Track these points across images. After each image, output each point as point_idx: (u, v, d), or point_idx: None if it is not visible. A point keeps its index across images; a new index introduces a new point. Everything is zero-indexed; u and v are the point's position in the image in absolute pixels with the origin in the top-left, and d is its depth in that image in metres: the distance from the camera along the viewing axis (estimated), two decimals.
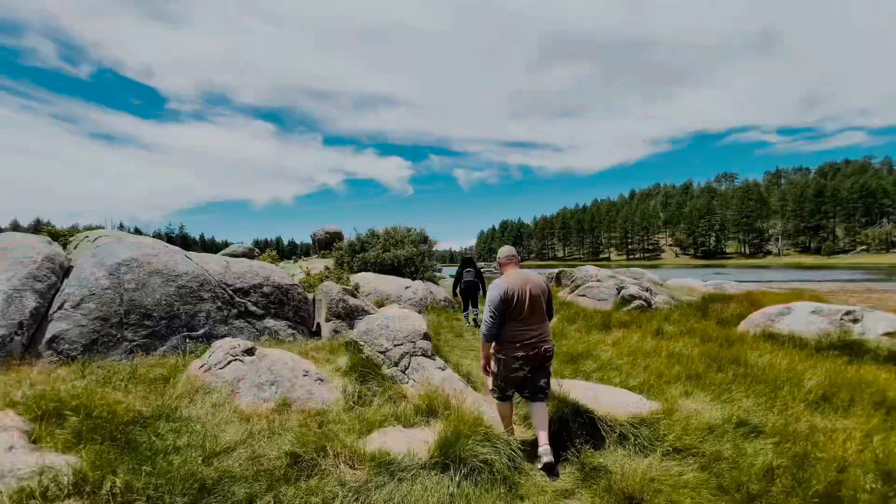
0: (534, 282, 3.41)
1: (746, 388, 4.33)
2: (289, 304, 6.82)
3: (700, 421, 3.44)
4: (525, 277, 3.42)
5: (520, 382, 3.46)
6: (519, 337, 3.33)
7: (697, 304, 10.85)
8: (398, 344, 4.41)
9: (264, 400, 4.17)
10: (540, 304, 3.40)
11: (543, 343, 3.39)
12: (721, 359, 5.41)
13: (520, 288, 3.35)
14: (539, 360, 3.40)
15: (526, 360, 3.35)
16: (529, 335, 3.33)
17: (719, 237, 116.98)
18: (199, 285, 6.03)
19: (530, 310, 3.33)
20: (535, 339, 3.35)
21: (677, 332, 7.92)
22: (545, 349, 3.39)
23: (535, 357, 3.36)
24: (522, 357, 3.33)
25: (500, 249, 3.81)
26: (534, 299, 3.35)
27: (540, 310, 3.41)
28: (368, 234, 13.12)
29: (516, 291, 3.32)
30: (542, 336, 3.40)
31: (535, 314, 3.37)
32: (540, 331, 3.39)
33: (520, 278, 3.41)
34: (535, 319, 3.38)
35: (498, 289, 3.36)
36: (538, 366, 3.43)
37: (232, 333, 6.04)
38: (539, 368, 3.45)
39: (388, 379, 4.15)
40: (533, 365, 3.40)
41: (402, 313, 4.82)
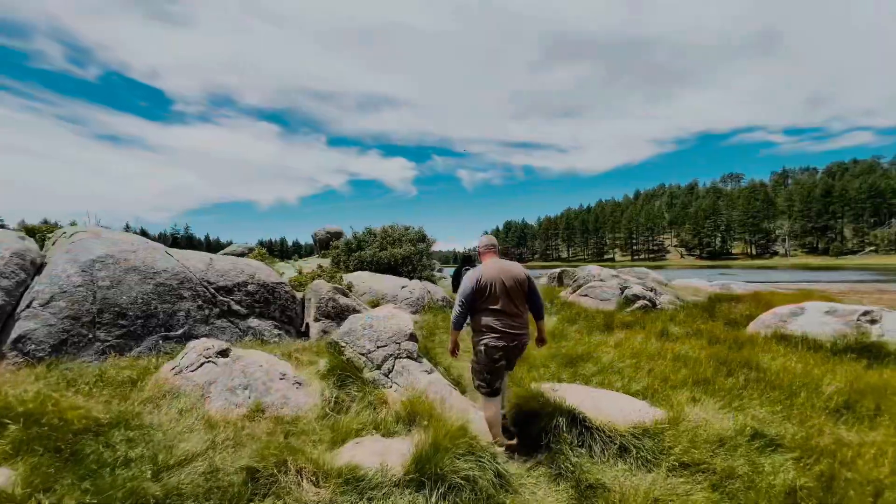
0: (511, 272, 3.33)
1: (760, 395, 3.98)
2: (275, 304, 6.53)
3: (710, 432, 3.10)
4: (501, 267, 3.34)
5: (503, 373, 3.43)
6: (498, 326, 3.27)
7: (704, 304, 10.46)
8: (382, 345, 4.10)
9: (236, 405, 3.86)
10: (517, 295, 3.31)
11: (523, 336, 3.36)
12: (731, 362, 5.05)
13: (494, 277, 3.27)
14: (514, 353, 3.41)
15: (506, 351, 3.30)
16: (508, 324, 3.28)
17: (725, 238, 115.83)
18: (178, 283, 5.74)
19: (505, 300, 3.26)
20: (514, 329, 3.29)
21: (683, 333, 7.56)
22: (524, 342, 3.39)
23: (514, 349, 3.34)
24: (504, 347, 3.28)
25: (481, 238, 3.69)
26: (509, 290, 3.27)
27: (517, 301, 3.32)
28: (365, 233, 12.82)
29: (490, 281, 3.26)
30: (521, 327, 3.35)
31: (511, 304, 3.29)
32: (519, 322, 3.33)
33: (495, 268, 3.33)
34: (512, 310, 3.29)
35: (471, 278, 3.32)
36: (512, 358, 3.46)
37: (213, 334, 5.75)
38: (511, 362, 3.51)
39: (370, 383, 3.84)
40: (511, 356, 3.42)
41: (387, 313, 4.50)
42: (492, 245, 3.61)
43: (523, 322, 3.38)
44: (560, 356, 5.78)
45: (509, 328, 3.27)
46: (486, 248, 3.61)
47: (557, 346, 6.35)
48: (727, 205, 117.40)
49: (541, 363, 5.54)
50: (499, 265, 3.39)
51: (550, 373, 5.22)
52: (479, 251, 3.68)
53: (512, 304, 3.29)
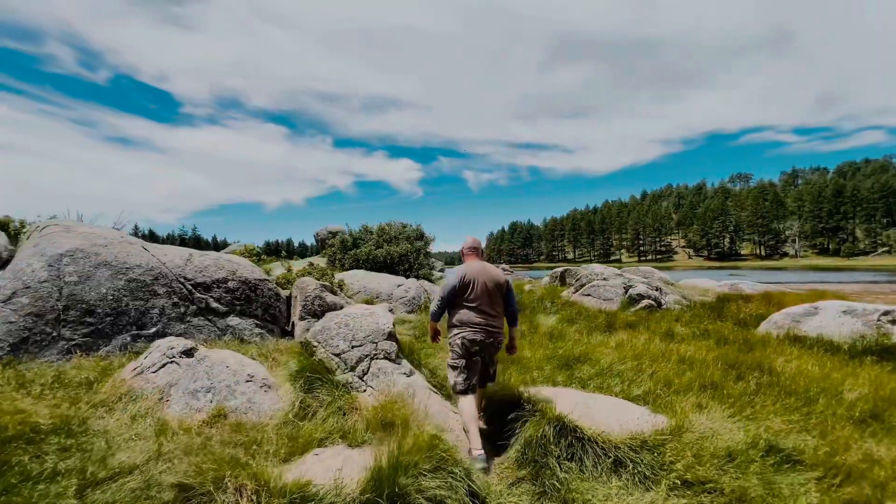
0: (491, 274, 3.47)
1: (774, 402, 3.59)
2: (257, 301, 6.21)
3: (718, 444, 2.72)
4: (484, 269, 3.48)
5: (479, 370, 3.46)
6: (476, 321, 3.35)
7: (712, 304, 10.03)
8: (357, 345, 3.76)
9: (196, 410, 3.54)
10: (496, 296, 3.44)
11: (499, 334, 3.44)
12: (741, 365, 4.66)
13: (476, 276, 3.41)
14: (493, 350, 3.47)
15: (483, 346, 3.36)
16: (485, 321, 3.36)
17: (733, 238, 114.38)
18: (153, 279, 5.45)
19: (485, 298, 3.37)
20: (489, 326, 3.37)
21: (689, 334, 7.16)
22: (500, 341, 3.47)
23: (491, 346, 3.40)
24: (481, 342, 3.34)
25: (466, 240, 3.81)
26: (489, 290, 3.40)
27: (495, 302, 3.44)
28: (361, 230, 12.50)
29: (474, 279, 3.39)
30: (496, 326, 3.42)
31: (490, 305, 3.40)
32: (495, 321, 3.42)
33: (478, 268, 3.47)
34: (490, 309, 3.40)
35: (455, 274, 3.47)
36: (490, 358, 3.51)
37: (189, 332, 5.45)
38: (491, 361, 3.55)
39: (341, 386, 3.49)
40: (488, 353, 3.46)
41: (365, 310, 4.16)
42: (475, 248, 3.72)
43: (500, 323, 3.49)
44: (556, 358, 5.41)
45: (487, 325, 3.36)
46: (469, 250, 3.72)
47: (554, 347, 5.99)
48: (736, 205, 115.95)
49: (535, 365, 5.17)
50: (481, 265, 3.52)
51: (545, 375, 4.86)
52: (463, 251, 3.78)
53: (490, 304, 3.40)
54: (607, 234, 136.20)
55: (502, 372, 4.92)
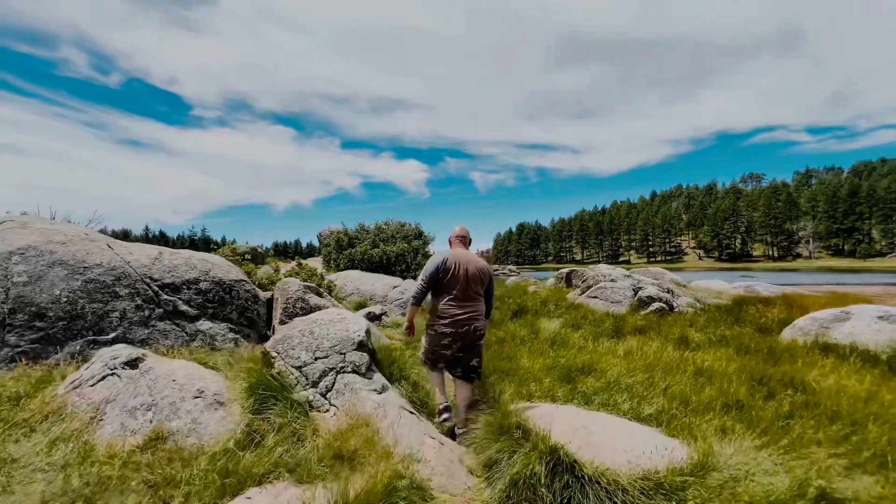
0: (475, 262, 3.48)
1: (814, 428, 3.00)
2: (232, 304, 5.73)
3: (754, 491, 2.16)
4: (468, 256, 3.49)
5: (450, 360, 3.47)
6: (449, 313, 3.36)
7: (727, 307, 9.38)
8: (321, 356, 3.24)
9: (132, 431, 3.05)
10: (476, 284, 3.43)
11: (473, 321, 3.40)
12: (769, 379, 4.07)
13: (459, 263, 3.40)
14: (469, 339, 3.41)
15: (454, 338, 3.37)
16: (460, 313, 3.36)
17: (745, 239, 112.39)
18: (114, 279, 4.98)
19: (465, 286, 3.36)
20: (466, 317, 3.36)
21: (705, 340, 6.55)
22: (475, 327, 3.41)
23: (465, 335, 3.38)
24: (451, 334, 3.36)
25: (454, 228, 3.80)
26: (471, 277, 3.39)
27: (475, 289, 3.43)
28: (358, 229, 12.01)
29: (456, 264, 3.38)
30: (474, 315, 3.41)
31: (469, 292, 3.39)
32: (471, 310, 3.40)
33: (462, 255, 3.47)
34: (469, 298, 3.39)
35: (437, 259, 3.45)
36: (469, 345, 3.45)
37: (153, 338, 4.97)
38: (470, 348, 3.47)
39: (299, 405, 2.98)
40: (463, 343, 3.41)
41: (335, 315, 3.64)
42: (462, 236, 3.71)
43: (479, 310, 3.46)
44: (558, 368, 4.85)
45: (462, 315, 3.36)
46: (455, 238, 3.72)
47: (556, 355, 5.42)
48: (747, 205, 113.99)
49: (533, 377, 4.62)
50: (465, 253, 3.55)
51: (543, 389, 4.31)
52: (450, 240, 3.78)
53: (470, 290, 3.40)
54: (616, 234, 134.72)
55: (494, 385, 4.38)
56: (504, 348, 5.85)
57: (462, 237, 3.68)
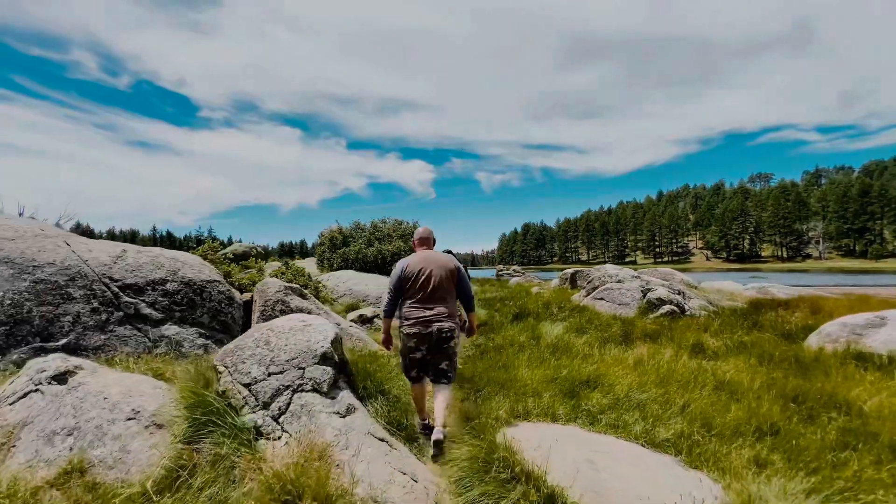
0: (438, 261, 3.37)
1: (874, 464, 2.45)
2: (203, 307, 5.24)
3: None
4: (428, 258, 3.39)
5: (421, 363, 3.35)
6: (413, 314, 3.29)
7: (743, 310, 8.78)
8: (276, 371, 2.73)
9: (47, 461, 2.56)
10: (442, 284, 3.31)
11: (439, 322, 3.27)
12: (804, 396, 3.51)
13: (419, 267, 3.33)
14: (436, 341, 3.27)
15: (420, 339, 3.26)
16: (424, 314, 3.27)
17: (753, 240, 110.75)
18: (68, 280, 4.51)
19: (426, 288, 3.28)
20: (430, 317, 3.26)
21: (723, 347, 5.98)
22: (439, 328, 3.27)
23: (430, 336, 3.25)
24: (416, 335, 3.26)
25: (416, 230, 3.79)
26: (434, 279, 3.29)
27: (441, 290, 3.32)
28: (353, 227, 11.52)
29: (415, 270, 3.31)
30: (439, 315, 3.29)
31: (434, 293, 3.29)
32: (436, 310, 3.29)
33: (422, 258, 3.39)
34: (434, 299, 3.29)
35: (398, 267, 3.40)
36: (436, 347, 3.30)
37: (111, 344, 4.50)
38: (438, 350, 3.31)
39: (243, 432, 2.46)
40: (429, 345, 3.28)
41: (298, 322, 3.12)
42: (424, 238, 3.64)
43: (445, 311, 3.32)
44: (560, 380, 4.31)
45: (426, 317, 3.25)
46: (417, 241, 3.66)
47: (558, 364, 4.88)
48: (756, 205, 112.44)
49: (531, 390, 4.08)
50: (426, 255, 3.44)
51: (543, 405, 3.77)
52: (413, 242, 3.72)
53: (435, 293, 3.29)
54: (622, 235, 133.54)
55: (487, 400, 3.86)
56: (501, 356, 5.32)
57: (424, 239, 3.63)
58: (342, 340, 3.33)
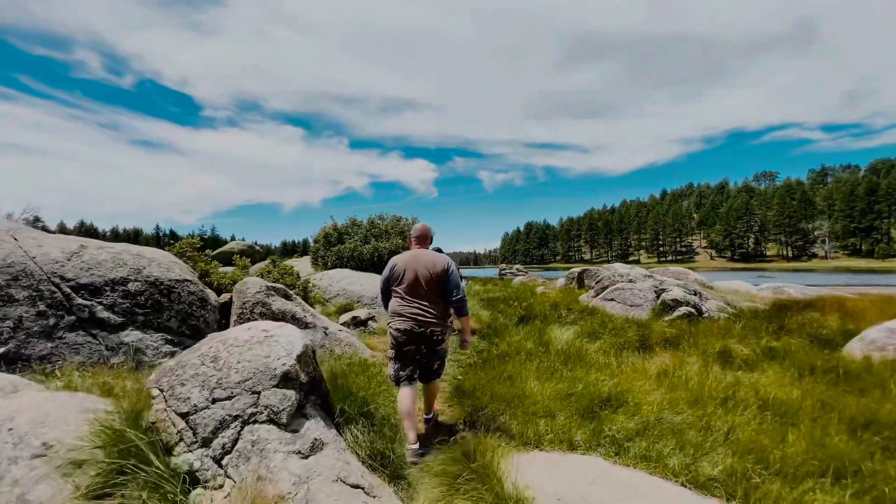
0: (426, 261, 3.25)
1: None
2: (171, 309, 4.66)
3: None
4: (418, 257, 3.28)
5: (413, 360, 3.21)
6: (402, 311, 3.19)
7: (766, 312, 8.15)
8: (222, 397, 2.14)
9: None
10: (430, 283, 3.19)
11: (431, 325, 3.16)
12: (875, 420, 2.90)
13: (407, 265, 3.25)
14: (426, 343, 3.19)
15: (410, 337, 3.15)
16: (412, 311, 3.16)
17: (758, 239, 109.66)
18: (10, 279, 3.94)
19: (414, 286, 3.19)
20: (419, 316, 3.15)
21: (752, 355, 5.37)
22: (431, 331, 3.17)
23: (421, 337, 3.15)
24: (406, 331, 3.15)
25: (414, 227, 3.57)
26: (420, 277, 3.19)
27: (428, 289, 3.19)
28: (348, 224, 10.93)
29: (404, 268, 3.24)
30: (428, 316, 3.17)
31: (421, 292, 3.19)
32: (424, 309, 3.17)
33: (412, 256, 3.30)
34: (421, 297, 3.19)
35: (389, 263, 3.35)
36: (427, 348, 3.22)
37: (59, 353, 3.93)
38: (429, 351, 3.24)
39: (172, 479, 1.87)
40: (419, 346, 3.18)
41: (259, 332, 2.53)
42: (419, 236, 3.49)
43: (436, 312, 3.21)
44: (576, 397, 3.71)
45: (416, 315, 3.15)
46: (413, 238, 3.51)
47: (572, 376, 4.28)
48: (761, 204, 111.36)
49: (542, 409, 3.49)
50: (415, 253, 3.34)
51: (557, 429, 3.18)
52: (410, 239, 3.59)
53: (422, 292, 3.19)
54: (625, 234, 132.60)
55: (488, 420, 3.28)
56: (506, 366, 4.72)
57: (420, 237, 3.47)
58: (315, 353, 2.74)
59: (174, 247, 6.38)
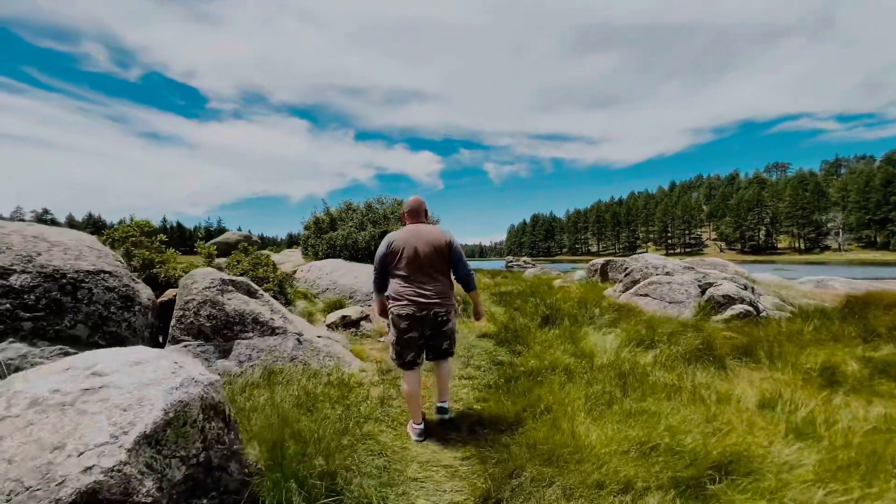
0: (426, 236, 2.99)
1: None
2: (78, 311, 3.39)
3: None
4: (418, 231, 3.02)
5: (417, 346, 2.99)
6: (404, 293, 2.95)
7: (837, 311, 6.80)
8: None
9: None
10: (433, 260, 2.96)
11: (435, 306, 2.94)
12: None
13: (406, 241, 2.99)
14: (431, 325, 2.98)
15: (413, 320, 2.93)
16: (415, 292, 2.93)
17: (770, 231, 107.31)
18: None
19: (415, 264, 2.95)
20: (423, 297, 2.92)
21: (864, 373, 4.04)
22: (435, 313, 2.95)
23: (426, 320, 2.94)
24: (409, 316, 2.92)
25: (406, 201, 3.26)
26: (424, 255, 2.94)
27: (431, 266, 2.96)
28: (343, 208, 9.62)
29: (403, 244, 2.99)
30: (433, 296, 2.94)
31: (423, 270, 2.95)
32: (428, 290, 2.94)
33: (410, 232, 3.02)
34: (424, 276, 2.95)
35: (384, 242, 3.10)
36: (434, 330, 3.01)
37: None
38: (436, 334, 3.03)
39: None
40: (424, 327, 2.96)
41: (76, 379, 1.26)
42: (413, 211, 3.16)
43: (440, 290, 2.97)
44: (662, 454, 2.39)
45: (418, 295, 2.91)
46: (406, 213, 3.19)
47: (640, 410, 2.96)
48: (772, 196, 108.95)
49: (612, 476, 2.19)
50: (414, 228, 3.06)
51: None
52: (402, 214, 3.32)
53: (424, 270, 2.96)
54: (633, 226, 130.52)
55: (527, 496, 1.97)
56: (540, 390, 3.42)
57: (414, 211, 3.15)
58: (216, 408, 1.45)
59: (116, 230, 5.11)
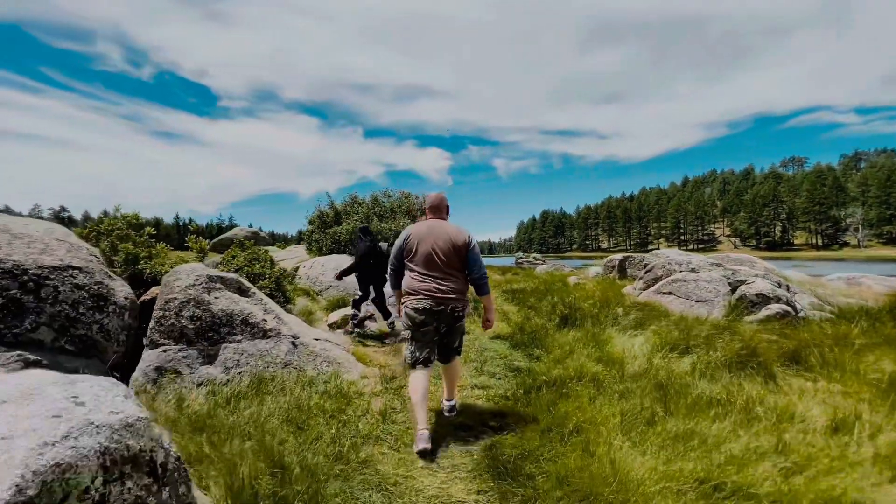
0: (443, 233, 2.96)
1: None
2: (41, 312, 3.00)
3: None
4: (436, 227, 3.00)
5: (432, 342, 2.96)
6: (420, 288, 2.93)
7: (884, 311, 6.21)
8: None
9: None
10: (449, 257, 2.93)
11: (451, 301, 2.92)
12: None
13: (423, 236, 2.98)
14: (447, 321, 2.96)
15: (428, 315, 2.90)
16: (432, 287, 2.89)
17: (786, 227, 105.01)
18: None
19: (431, 260, 2.92)
20: (440, 293, 2.89)
21: None
22: (452, 308, 2.94)
23: (441, 315, 2.91)
24: (426, 310, 2.89)
25: (427, 196, 3.26)
26: (440, 251, 2.92)
27: (448, 262, 2.93)
28: (348, 201, 9.21)
29: (419, 239, 2.98)
30: (451, 291, 2.92)
31: (439, 266, 2.93)
32: (447, 285, 2.92)
33: (429, 227, 3.01)
34: (439, 272, 2.93)
35: (401, 236, 3.10)
36: (449, 328, 3.00)
37: None
38: (451, 330, 3.03)
39: None
40: (438, 324, 2.94)
41: None
42: (434, 207, 3.15)
43: (456, 287, 2.95)
44: (712, 488, 1.93)
45: (433, 291, 2.89)
46: (428, 209, 3.18)
47: (687, 433, 2.49)
48: (789, 191, 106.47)
49: None
50: (432, 224, 3.04)
51: None
52: (425, 209, 3.26)
53: (439, 266, 2.93)
54: (644, 222, 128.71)
55: None
56: (566, 405, 2.96)
57: (435, 207, 3.13)
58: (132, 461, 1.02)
59: (101, 222, 4.74)
